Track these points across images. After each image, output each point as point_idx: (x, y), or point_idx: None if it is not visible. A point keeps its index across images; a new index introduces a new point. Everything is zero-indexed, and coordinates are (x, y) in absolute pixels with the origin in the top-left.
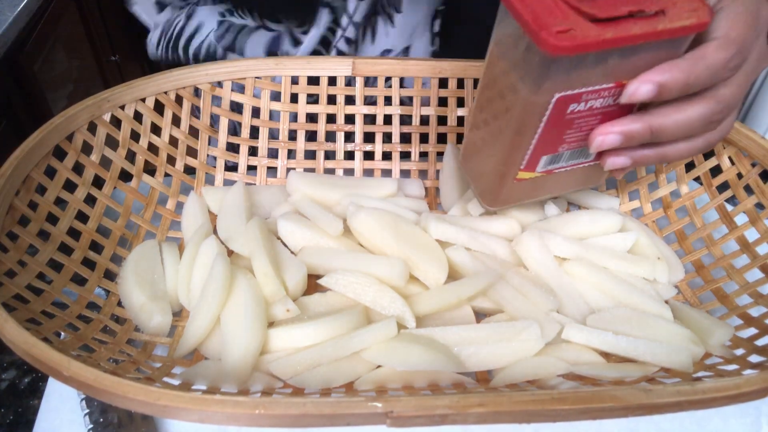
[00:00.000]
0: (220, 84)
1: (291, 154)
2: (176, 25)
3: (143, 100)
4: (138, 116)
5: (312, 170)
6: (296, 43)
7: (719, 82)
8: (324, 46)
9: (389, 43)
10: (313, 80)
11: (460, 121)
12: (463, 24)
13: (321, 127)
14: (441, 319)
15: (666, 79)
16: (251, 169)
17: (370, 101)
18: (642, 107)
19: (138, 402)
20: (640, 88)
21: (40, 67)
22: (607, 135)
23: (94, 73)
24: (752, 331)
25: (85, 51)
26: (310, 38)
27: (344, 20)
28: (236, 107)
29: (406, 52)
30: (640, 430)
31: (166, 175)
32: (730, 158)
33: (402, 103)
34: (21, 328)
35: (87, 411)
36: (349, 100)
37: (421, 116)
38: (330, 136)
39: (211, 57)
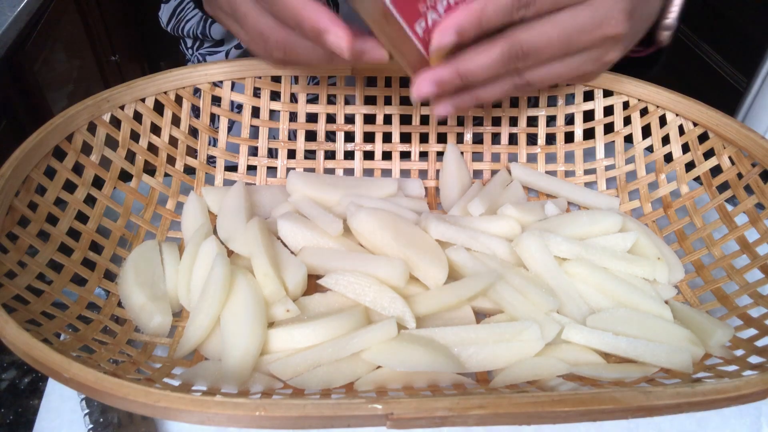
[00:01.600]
0: (219, 84)
1: (291, 153)
2: (182, 10)
3: (143, 100)
4: (138, 116)
5: (312, 170)
6: None
7: (516, 23)
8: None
9: None
10: (313, 80)
11: (460, 120)
12: None
13: (321, 126)
14: (441, 319)
15: (462, 23)
16: (251, 169)
17: (369, 101)
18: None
19: (138, 404)
20: (444, 38)
21: (40, 67)
22: (422, 84)
23: (94, 73)
24: (752, 331)
25: (85, 51)
26: None
27: None
28: (236, 107)
29: None
30: (640, 431)
31: (166, 175)
32: (730, 158)
33: (402, 102)
34: (21, 329)
35: (87, 411)
36: (349, 99)
37: (421, 116)
38: (330, 136)
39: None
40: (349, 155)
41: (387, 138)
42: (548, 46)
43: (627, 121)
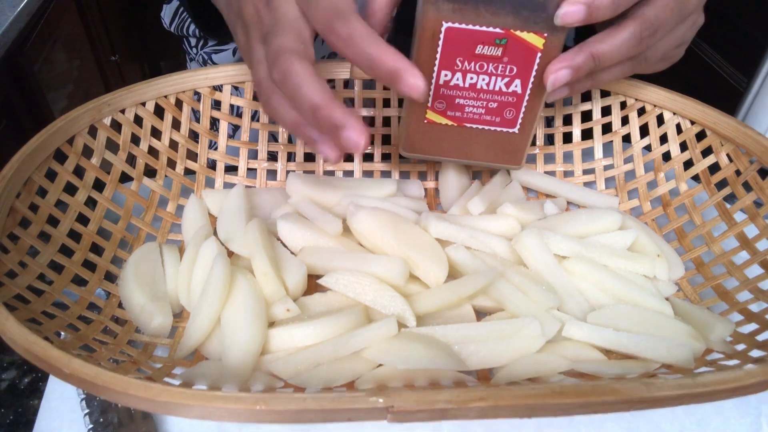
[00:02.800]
0: (219, 88)
1: (290, 156)
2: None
3: (143, 104)
4: (138, 120)
5: (312, 173)
6: None
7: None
8: None
9: None
10: None
11: None
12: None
13: None
14: (441, 317)
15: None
16: (251, 171)
17: (368, 103)
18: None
19: (139, 398)
20: (572, 9)
21: (40, 67)
22: (559, 72)
23: (94, 73)
24: (753, 326)
25: (85, 51)
26: None
27: None
28: (236, 110)
29: None
30: (641, 430)
31: (166, 177)
32: (728, 155)
33: (400, 105)
34: (22, 326)
35: (87, 411)
36: (348, 102)
37: None
38: None
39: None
40: (348, 157)
41: (386, 140)
42: (671, 17)
43: (625, 120)
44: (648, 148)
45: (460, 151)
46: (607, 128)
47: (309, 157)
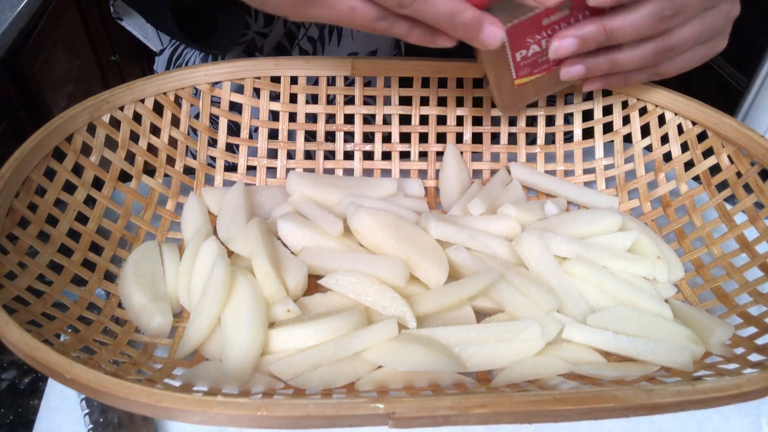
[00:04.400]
0: (219, 84)
1: (290, 154)
2: (178, 56)
3: (142, 101)
4: (137, 117)
5: (311, 170)
6: (264, 36)
7: None
8: (289, 40)
9: (355, 47)
10: (312, 80)
11: (460, 120)
12: None
13: (320, 127)
14: (442, 319)
15: None
16: (251, 169)
17: (369, 101)
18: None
19: (140, 404)
20: None
21: (40, 67)
22: (564, 39)
23: (94, 73)
24: (752, 329)
25: (85, 51)
26: (277, 29)
27: None
28: (235, 107)
29: (372, 55)
30: (641, 431)
31: (166, 175)
32: (729, 157)
33: (401, 102)
34: (22, 330)
35: (87, 411)
36: (349, 100)
37: (421, 116)
38: (329, 136)
39: None
40: (348, 155)
41: (386, 138)
42: (697, 0)
43: (626, 120)
44: (649, 148)
45: (554, 82)
46: (608, 128)
47: (309, 155)
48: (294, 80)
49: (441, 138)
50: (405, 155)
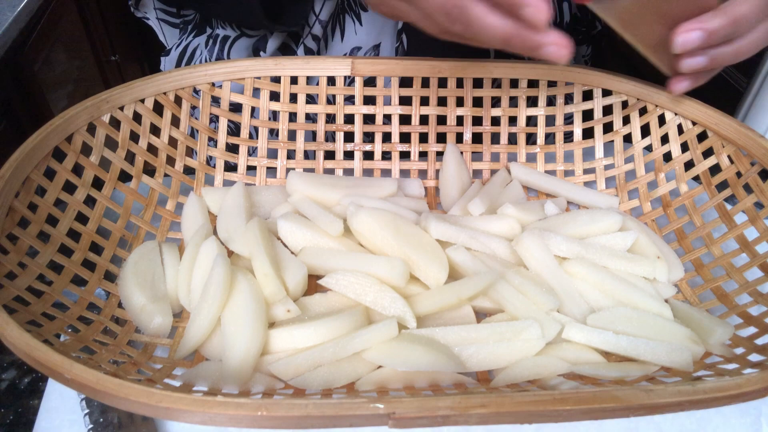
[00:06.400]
0: (219, 84)
1: (290, 154)
2: (187, 53)
3: (142, 101)
4: (137, 117)
5: (311, 170)
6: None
7: None
8: (293, 40)
9: (358, 41)
10: (312, 80)
11: (460, 120)
12: None
13: (320, 127)
14: (441, 319)
15: None
16: (251, 169)
17: (369, 101)
18: None
19: (140, 404)
20: None
21: (40, 67)
22: (690, 32)
23: (94, 73)
24: (752, 330)
25: (85, 51)
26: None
27: (311, 18)
28: (235, 107)
29: (376, 50)
30: (641, 430)
31: (166, 175)
32: (729, 157)
33: (401, 102)
34: (22, 330)
35: (87, 411)
36: (349, 99)
37: (421, 116)
38: (329, 136)
39: None
40: (348, 155)
41: (386, 138)
42: None
43: (626, 120)
44: (649, 148)
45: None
46: (608, 128)
47: (309, 155)
48: (294, 80)
49: (441, 138)
50: (405, 155)
